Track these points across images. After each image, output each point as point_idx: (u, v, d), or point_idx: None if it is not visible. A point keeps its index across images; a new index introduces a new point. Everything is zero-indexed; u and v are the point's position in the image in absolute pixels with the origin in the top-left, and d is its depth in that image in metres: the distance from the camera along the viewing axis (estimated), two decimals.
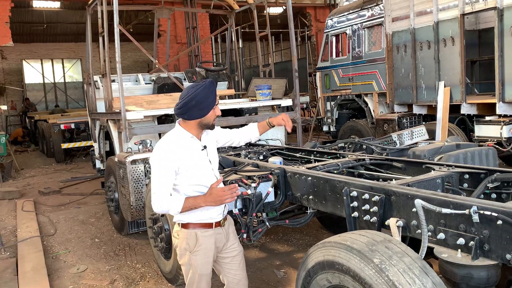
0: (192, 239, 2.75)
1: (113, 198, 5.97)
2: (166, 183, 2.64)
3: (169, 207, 2.64)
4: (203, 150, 2.79)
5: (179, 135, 2.73)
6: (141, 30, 20.61)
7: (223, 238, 2.88)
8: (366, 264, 2.00)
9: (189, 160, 2.68)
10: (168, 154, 2.63)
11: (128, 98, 6.21)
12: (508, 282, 2.54)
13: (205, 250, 2.77)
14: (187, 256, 2.79)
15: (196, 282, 2.83)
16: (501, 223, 2.06)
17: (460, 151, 3.71)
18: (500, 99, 6.65)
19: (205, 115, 2.71)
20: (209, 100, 2.69)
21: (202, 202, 2.64)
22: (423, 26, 7.88)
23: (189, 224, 2.75)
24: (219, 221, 2.82)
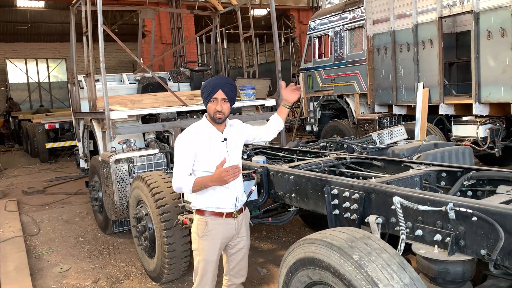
0: (202, 224, 2.90)
1: (97, 197, 5.90)
2: (183, 165, 2.84)
3: (182, 185, 2.83)
4: (223, 142, 2.92)
5: (200, 125, 2.93)
6: (126, 30, 20.40)
7: (234, 229, 2.97)
8: (346, 260, 2.01)
9: (205, 149, 2.85)
10: (186, 140, 2.86)
11: (112, 98, 6.14)
12: (483, 277, 2.57)
13: (212, 236, 2.89)
14: (196, 241, 2.94)
15: (202, 267, 2.94)
16: (476, 219, 2.09)
17: (438, 150, 3.75)
18: (476, 100, 6.76)
19: (206, 106, 2.90)
20: (206, 93, 2.85)
21: (208, 181, 2.77)
22: (402, 28, 7.97)
23: (202, 211, 2.92)
24: (230, 212, 2.93)
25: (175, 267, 4.09)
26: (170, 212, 3.94)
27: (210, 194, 2.88)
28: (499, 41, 6.36)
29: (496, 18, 6.37)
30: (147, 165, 5.03)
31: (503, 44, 6.30)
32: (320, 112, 10.98)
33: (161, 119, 5.56)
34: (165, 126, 5.50)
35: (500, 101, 6.51)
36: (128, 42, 17.94)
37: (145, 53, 14.67)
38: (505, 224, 1.99)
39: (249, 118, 6.50)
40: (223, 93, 2.83)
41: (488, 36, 6.49)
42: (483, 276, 2.56)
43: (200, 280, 2.97)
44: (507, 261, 2.01)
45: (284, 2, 19.37)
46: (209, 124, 2.92)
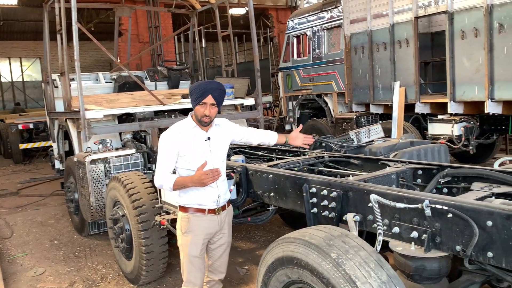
0: (184, 221, 2.97)
1: (73, 198, 5.79)
2: (166, 163, 2.89)
3: (163, 182, 2.88)
4: (206, 141, 2.95)
5: (184, 123, 2.97)
6: (103, 29, 20.06)
7: (217, 225, 3.03)
8: (324, 258, 2.01)
9: (188, 147, 2.89)
10: (170, 138, 2.90)
11: (87, 97, 6.02)
12: (458, 272, 2.61)
13: (195, 232, 2.95)
14: (180, 237, 3.01)
15: (187, 263, 3.00)
16: (451, 216, 2.11)
17: (414, 148, 3.80)
18: (451, 99, 6.88)
19: (194, 107, 2.93)
20: (196, 95, 2.87)
21: (188, 181, 2.83)
22: (379, 28, 8.06)
23: (185, 208, 2.98)
24: (213, 209, 2.98)
25: (153, 269, 4.04)
26: (148, 213, 3.89)
27: (192, 192, 2.92)
28: (472, 41, 6.48)
29: (470, 18, 6.50)
30: (123, 165, 4.95)
31: (476, 44, 6.43)
32: (299, 111, 11.02)
33: (138, 118, 5.47)
34: (142, 125, 5.42)
35: (474, 99, 6.64)
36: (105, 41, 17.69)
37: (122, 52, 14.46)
38: (479, 220, 2.02)
39: (228, 117, 6.45)
40: (212, 98, 2.86)
41: (462, 36, 6.61)
42: (458, 271, 2.60)
43: (187, 275, 3.03)
44: (481, 257, 2.04)
45: (262, 2, 19.38)
46: (193, 124, 2.95)
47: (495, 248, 1.99)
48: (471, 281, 2.49)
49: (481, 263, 2.13)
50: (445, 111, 7.06)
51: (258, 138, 3.39)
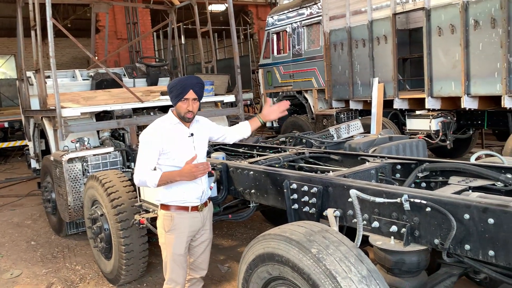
0: (167, 219, 2.92)
1: (50, 198, 5.66)
2: (148, 160, 2.82)
3: (146, 179, 2.80)
4: (189, 137, 2.94)
5: (166, 119, 2.93)
6: (80, 25, 19.68)
7: (200, 222, 3.01)
8: (304, 254, 2.00)
9: (172, 143, 2.85)
10: (152, 134, 2.85)
11: (63, 95, 5.90)
12: (437, 265, 2.65)
13: (178, 230, 2.92)
14: (163, 236, 2.96)
15: (168, 261, 2.97)
16: (430, 210, 2.14)
17: (393, 143, 3.83)
18: (428, 94, 6.99)
19: (175, 104, 2.88)
20: (176, 92, 2.83)
21: (177, 176, 2.79)
22: (358, 24, 8.12)
23: (167, 206, 2.94)
24: (196, 206, 2.96)
25: (133, 268, 3.99)
26: (127, 212, 3.83)
27: (176, 188, 2.89)
28: (449, 37, 6.59)
29: (446, 15, 6.60)
30: (101, 164, 4.86)
31: (453, 40, 6.54)
32: None
33: (116, 116, 5.38)
34: (120, 123, 5.33)
35: (450, 95, 6.76)
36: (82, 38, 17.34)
37: (99, 48, 14.25)
38: (456, 213, 2.05)
39: (208, 114, 6.43)
40: (194, 93, 2.85)
41: (439, 32, 6.71)
42: (437, 264, 2.64)
43: (170, 274, 2.99)
44: (459, 250, 2.07)
45: None
46: (176, 120, 2.92)
47: (472, 241, 2.02)
48: (449, 273, 2.52)
49: (458, 255, 2.15)
50: (423, 106, 7.17)
51: (234, 134, 3.34)
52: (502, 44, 5.92)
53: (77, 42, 5.64)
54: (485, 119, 7.29)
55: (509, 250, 1.90)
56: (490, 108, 6.74)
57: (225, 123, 6.82)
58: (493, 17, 6.00)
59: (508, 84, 5.93)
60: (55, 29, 5.07)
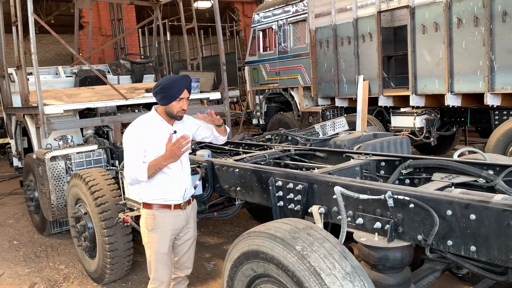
0: (150, 218, 2.90)
1: (33, 197, 5.58)
2: (135, 158, 2.81)
3: (136, 174, 2.79)
4: (173, 134, 2.89)
5: (150, 117, 2.92)
6: (64, 21, 19.43)
7: (183, 221, 2.99)
8: (289, 251, 2.00)
9: (155, 141, 2.83)
10: (136, 132, 2.84)
11: (46, 92, 5.80)
12: (420, 261, 2.68)
13: (162, 229, 2.90)
14: (146, 235, 2.94)
15: (154, 260, 2.94)
16: (413, 206, 2.15)
17: (377, 140, 3.86)
18: (413, 92, 7.05)
19: (167, 104, 2.85)
20: (173, 92, 2.81)
21: (162, 160, 2.75)
22: (343, 22, 8.15)
23: (150, 204, 2.91)
24: (179, 204, 2.93)
25: (118, 267, 3.95)
26: (111, 210, 3.80)
27: (158, 187, 2.87)
28: (433, 35, 6.65)
29: (430, 13, 6.66)
30: (85, 162, 4.80)
31: (437, 38, 6.60)
32: (266, 105, 11.03)
33: (100, 113, 5.31)
34: (104, 120, 5.27)
35: (434, 92, 6.83)
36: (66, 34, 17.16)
37: (83, 45, 14.06)
38: (439, 209, 2.07)
39: (194, 111, 6.38)
40: (188, 92, 2.87)
41: (423, 30, 6.77)
42: (420, 260, 2.67)
43: (154, 273, 2.97)
44: (442, 245, 2.09)
45: None
46: (159, 117, 2.91)
47: (455, 237, 2.04)
48: (432, 269, 2.55)
49: (441, 251, 2.18)
50: (408, 104, 7.23)
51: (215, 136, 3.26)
52: (484, 42, 6.00)
53: (60, 38, 5.55)
54: (468, 116, 7.40)
55: (490, 245, 1.92)
56: (473, 105, 6.84)
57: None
58: (476, 15, 6.08)
59: (490, 81, 6.02)
60: (38, 25, 4.99)
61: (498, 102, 6.13)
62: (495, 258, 1.92)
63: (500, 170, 2.74)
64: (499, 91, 5.99)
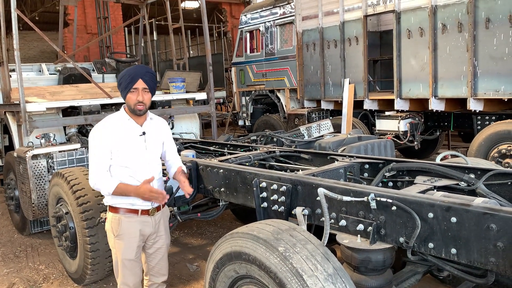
0: (115, 223, 2.76)
1: (13, 196, 5.48)
2: (100, 161, 2.68)
3: (101, 187, 2.69)
4: (141, 136, 2.77)
5: (117, 117, 2.77)
6: (49, 19, 19.19)
7: (151, 227, 2.83)
8: (271, 252, 2.00)
9: (122, 141, 2.70)
10: (101, 133, 2.69)
11: (29, 89, 5.72)
12: (402, 263, 2.69)
13: (128, 235, 2.76)
14: (112, 240, 2.81)
15: (119, 266, 2.82)
16: (395, 208, 2.17)
17: (361, 143, 3.88)
18: (397, 96, 7.13)
19: (125, 97, 2.72)
20: (125, 83, 2.68)
21: (132, 192, 2.68)
22: (330, 25, 8.20)
23: (115, 208, 2.77)
24: (146, 210, 2.79)
25: (99, 267, 3.89)
26: (93, 210, 3.74)
27: None
28: (418, 40, 6.74)
29: (415, 18, 6.74)
30: (68, 161, 4.73)
31: (421, 43, 6.68)
32: (252, 107, 11.04)
33: (83, 112, 5.26)
34: (88, 119, 5.20)
35: (419, 97, 6.91)
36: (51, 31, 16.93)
37: (69, 43, 13.89)
38: (421, 212, 2.09)
39: (180, 112, 6.37)
40: (143, 83, 2.69)
41: (408, 35, 6.85)
42: (402, 262, 2.68)
43: (122, 278, 2.85)
44: (423, 248, 2.10)
45: None
46: (127, 116, 2.76)
47: (436, 239, 2.06)
48: (414, 271, 2.57)
49: (422, 253, 2.20)
50: (392, 107, 7.30)
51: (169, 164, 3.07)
52: (468, 48, 6.09)
53: (44, 35, 5.47)
54: (451, 121, 7.49)
55: (470, 248, 1.94)
56: (456, 110, 6.93)
57: (196, 120, 6.77)
58: (460, 21, 6.17)
59: (473, 87, 6.11)
60: (22, 21, 4.92)
61: (480, 107, 6.23)
62: (475, 261, 1.94)
63: (481, 174, 2.77)
64: (482, 97, 6.09)
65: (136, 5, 8.75)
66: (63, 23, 8.38)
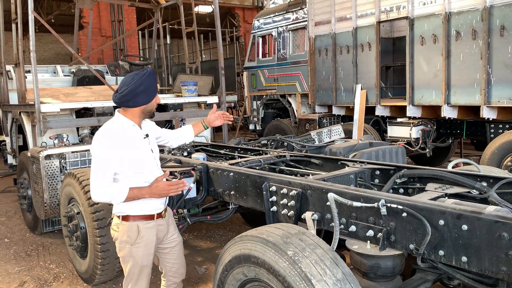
0: (133, 232, 2.69)
1: (26, 195, 5.56)
2: (107, 172, 2.59)
3: (112, 197, 2.59)
4: (145, 139, 2.79)
5: (120, 124, 2.69)
6: (64, 21, 19.46)
7: (164, 229, 2.87)
8: (280, 256, 2.00)
9: (131, 148, 2.66)
10: (108, 143, 2.60)
11: (43, 90, 5.80)
12: (412, 270, 2.67)
13: (146, 241, 2.73)
14: (127, 249, 2.72)
15: (137, 273, 2.78)
16: (406, 215, 2.15)
17: (373, 149, 3.87)
18: (410, 102, 7.08)
19: (150, 101, 2.72)
20: (154, 86, 2.73)
21: (146, 193, 2.64)
22: (343, 31, 8.19)
23: (130, 217, 2.70)
24: (160, 212, 2.81)
25: (109, 268, 3.92)
26: (104, 211, 3.77)
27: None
28: (431, 47, 6.70)
29: (429, 25, 6.71)
30: (80, 161, 4.79)
31: (435, 49, 6.64)
32: (263, 111, 11.06)
33: (96, 113, 5.31)
34: (101, 121, 5.26)
35: (431, 104, 6.86)
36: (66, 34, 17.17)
37: (83, 45, 14.06)
38: (432, 219, 2.07)
39: (191, 115, 6.40)
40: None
41: (421, 41, 6.82)
42: (412, 270, 2.66)
43: (135, 285, 2.80)
44: (433, 255, 2.09)
45: (229, 1, 19.36)
46: (131, 122, 2.71)
47: (446, 247, 2.04)
48: (423, 279, 2.55)
49: (432, 261, 2.18)
50: (404, 114, 7.26)
51: (177, 139, 3.22)
52: (482, 56, 6.04)
53: (59, 37, 5.55)
54: (464, 129, 7.43)
55: (481, 256, 1.93)
56: (469, 118, 6.87)
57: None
58: (474, 28, 6.12)
59: (486, 94, 6.05)
60: (38, 24, 5.00)
61: (494, 115, 6.17)
62: (486, 269, 1.92)
63: (494, 182, 2.74)
64: (495, 104, 6.03)
65: (150, 9, 8.85)
66: (78, 25, 8.50)
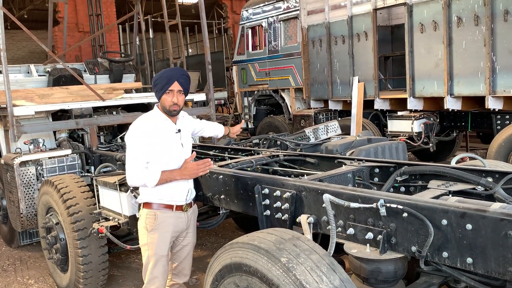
0: (151, 218, 2.96)
1: (1, 206, 5.52)
2: (141, 159, 2.88)
3: (146, 180, 2.87)
4: (177, 133, 3.02)
5: (154, 116, 3.01)
6: (38, 16, 19.34)
7: (184, 224, 3.06)
8: (274, 264, 2.00)
9: (161, 141, 2.93)
10: (142, 132, 2.90)
11: (16, 92, 5.75)
12: (416, 274, 2.68)
13: (162, 229, 2.96)
14: (145, 236, 2.98)
15: (152, 262, 2.97)
16: (407, 215, 2.16)
17: (371, 146, 3.88)
18: (411, 94, 7.12)
19: (160, 98, 2.96)
20: (161, 84, 2.92)
21: (177, 175, 2.92)
22: (337, 20, 8.21)
23: (150, 204, 2.98)
24: (181, 205, 3.01)
25: (92, 281, 3.91)
26: (85, 220, 3.76)
27: (162, 186, 2.93)
28: (431, 34, 6.73)
29: (429, 11, 6.74)
30: (58, 167, 4.77)
31: (435, 37, 6.68)
32: (255, 108, 11.05)
33: (74, 115, 5.28)
34: (79, 123, 5.23)
35: (433, 95, 6.90)
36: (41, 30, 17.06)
37: (59, 42, 13.98)
38: (434, 219, 2.08)
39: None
40: (179, 85, 2.94)
41: (421, 29, 6.85)
42: (416, 273, 2.67)
43: (150, 277, 2.99)
44: (437, 257, 2.10)
45: None
46: (164, 117, 2.99)
47: (450, 248, 2.05)
48: (429, 283, 2.56)
49: (436, 263, 2.19)
50: (405, 107, 7.29)
51: (210, 129, 3.69)
52: (485, 42, 6.08)
53: (32, 34, 5.51)
54: (468, 121, 7.47)
55: (487, 257, 1.94)
56: (474, 109, 6.92)
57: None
58: (476, 14, 6.16)
59: (491, 84, 6.09)
60: (9, 20, 4.95)
61: (500, 105, 6.21)
62: (493, 271, 1.93)
63: (500, 177, 2.76)
64: (501, 94, 6.08)
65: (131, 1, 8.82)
66: (53, 21, 8.44)
